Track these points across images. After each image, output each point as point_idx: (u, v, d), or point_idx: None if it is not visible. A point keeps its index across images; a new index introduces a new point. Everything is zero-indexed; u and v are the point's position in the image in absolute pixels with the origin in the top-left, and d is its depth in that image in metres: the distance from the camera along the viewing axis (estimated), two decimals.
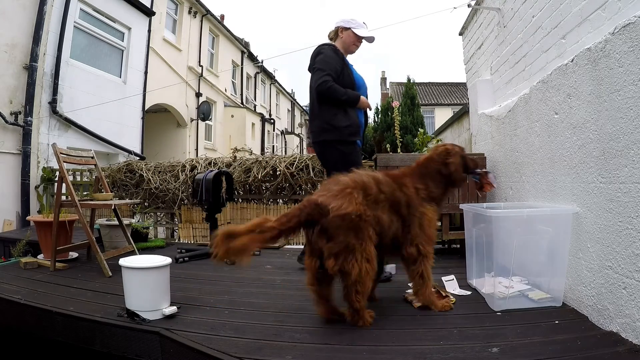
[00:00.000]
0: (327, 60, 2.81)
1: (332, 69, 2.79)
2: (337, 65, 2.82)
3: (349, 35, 2.96)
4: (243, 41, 16.79)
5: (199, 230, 4.63)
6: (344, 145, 2.84)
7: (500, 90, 3.74)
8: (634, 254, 1.63)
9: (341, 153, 2.83)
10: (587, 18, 2.32)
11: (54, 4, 6.11)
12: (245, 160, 4.63)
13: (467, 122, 4.91)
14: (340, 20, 3.01)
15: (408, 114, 12.73)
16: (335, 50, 2.90)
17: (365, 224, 1.82)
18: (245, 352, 1.65)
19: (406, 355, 1.60)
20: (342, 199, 1.80)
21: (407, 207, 2.02)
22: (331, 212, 1.76)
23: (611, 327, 1.76)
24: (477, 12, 4.37)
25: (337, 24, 3.01)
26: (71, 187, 3.13)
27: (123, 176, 5.03)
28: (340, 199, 1.79)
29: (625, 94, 1.66)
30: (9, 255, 4.10)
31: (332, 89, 2.75)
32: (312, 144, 3.06)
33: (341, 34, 2.98)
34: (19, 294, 2.46)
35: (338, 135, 2.81)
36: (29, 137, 5.76)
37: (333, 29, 3.03)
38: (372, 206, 1.87)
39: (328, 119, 2.81)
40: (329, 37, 3.06)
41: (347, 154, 2.83)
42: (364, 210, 1.82)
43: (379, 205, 1.91)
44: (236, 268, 3.24)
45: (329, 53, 2.85)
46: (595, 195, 1.88)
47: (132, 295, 2.07)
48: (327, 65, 2.78)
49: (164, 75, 10.09)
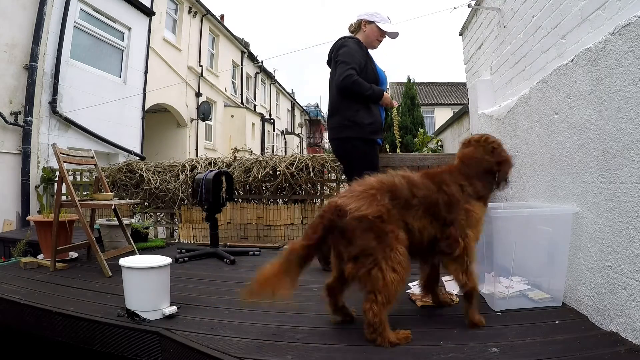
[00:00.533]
0: (351, 52, 2.70)
1: (356, 62, 2.68)
2: (361, 59, 2.72)
3: (372, 30, 2.86)
4: (243, 41, 16.79)
5: (199, 230, 4.63)
6: (365, 143, 2.74)
7: (500, 90, 3.74)
8: (634, 254, 1.63)
9: (362, 152, 2.73)
10: (587, 18, 2.32)
11: (54, 4, 6.12)
12: (245, 160, 4.63)
13: (467, 122, 4.91)
14: (364, 13, 2.90)
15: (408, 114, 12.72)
16: (359, 44, 2.79)
17: (390, 228, 1.68)
18: (245, 352, 1.65)
19: (406, 355, 1.60)
20: (363, 201, 1.69)
21: (448, 207, 1.83)
22: (349, 213, 1.67)
23: (611, 327, 1.76)
24: (477, 12, 4.37)
25: (360, 17, 2.89)
26: (71, 187, 3.13)
27: (123, 176, 5.03)
28: (361, 201, 1.69)
29: (625, 94, 1.66)
30: (9, 255, 4.10)
31: (357, 82, 2.63)
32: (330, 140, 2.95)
33: (364, 27, 2.87)
34: (19, 294, 2.46)
35: (360, 132, 2.70)
36: (29, 137, 5.76)
37: (355, 21, 2.91)
38: (401, 211, 1.73)
39: (350, 115, 2.70)
40: (349, 30, 2.93)
41: (367, 152, 2.75)
42: (387, 213, 1.69)
43: (411, 210, 1.76)
44: (236, 268, 3.24)
45: (353, 46, 2.74)
46: (595, 195, 1.88)
47: (132, 295, 2.06)
48: (352, 59, 2.67)
49: (164, 75, 10.09)
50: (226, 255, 3.44)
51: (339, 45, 2.78)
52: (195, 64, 12.22)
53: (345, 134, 2.76)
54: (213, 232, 3.65)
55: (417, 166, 3.38)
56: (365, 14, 2.88)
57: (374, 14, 2.87)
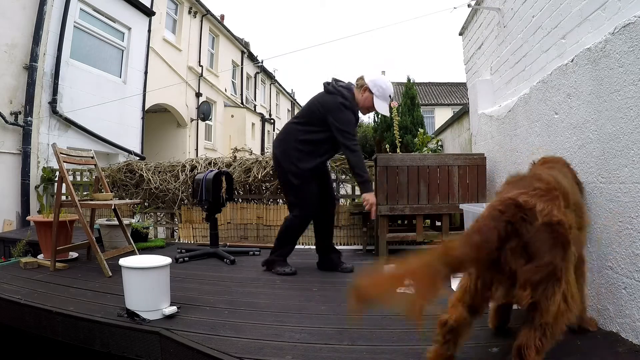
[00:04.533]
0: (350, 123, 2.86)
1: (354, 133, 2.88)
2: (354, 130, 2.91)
3: (367, 99, 2.91)
4: (243, 41, 16.79)
5: (199, 230, 4.63)
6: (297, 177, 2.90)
7: (500, 90, 3.74)
8: (634, 254, 1.63)
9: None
10: (587, 18, 2.32)
11: (54, 4, 6.11)
12: (245, 160, 4.63)
13: (467, 122, 4.91)
14: (372, 79, 2.92)
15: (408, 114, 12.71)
16: (354, 112, 2.91)
17: (572, 241, 1.32)
18: (245, 352, 1.65)
19: (406, 355, 1.60)
20: (551, 203, 1.30)
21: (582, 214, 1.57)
22: (539, 217, 1.26)
23: (611, 327, 1.76)
24: (477, 12, 4.37)
25: (367, 81, 2.92)
26: (71, 187, 3.13)
27: (123, 176, 5.02)
28: (549, 202, 1.29)
29: (625, 94, 1.66)
30: (9, 255, 4.10)
31: (363, 163, 2.86)
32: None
33: (363, 93, 2.92)
34: (18, 294, 2.46)
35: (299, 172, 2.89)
36: (29, 137, 5.76)
37: (363, 80, 2.95)
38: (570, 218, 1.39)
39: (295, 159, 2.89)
40: (356, 82, 2.98)
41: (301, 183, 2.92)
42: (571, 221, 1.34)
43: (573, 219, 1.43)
44: (236, 268, 3.24)
45: (349, 116, 2.86)
46: (595, 195, 1.88)
47: (132, 295, 2.06)
48: (352, 130, 2.86)
49: (164, 75, 10.08)
50: (226, 255, 3.44)
51: (337, 107, 2.85)
52: (195, 64, 12.22)
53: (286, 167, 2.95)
54: (213, 232, 3.65)
55: (417, 166, 3.38)
56: (371, 82, 2.91)
57: (379, 87, 2.89)
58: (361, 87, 2.93)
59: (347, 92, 2.91)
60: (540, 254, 1.24)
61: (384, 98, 2.92)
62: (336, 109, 2.84)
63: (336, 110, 2.84)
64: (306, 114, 3.00)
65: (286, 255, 3.05)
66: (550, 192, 1.33)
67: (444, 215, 3.43)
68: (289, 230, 3.01)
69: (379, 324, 1.90)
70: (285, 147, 2.96)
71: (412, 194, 3.38)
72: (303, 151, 2.90)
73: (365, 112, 3.02)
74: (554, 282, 1.26)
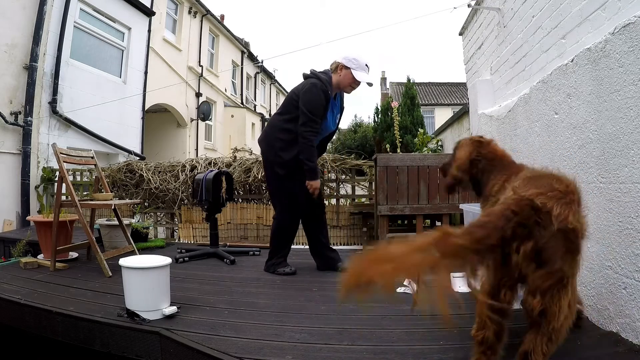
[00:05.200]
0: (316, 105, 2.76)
1: (319, 116, 2.78)
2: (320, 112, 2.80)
3: (347, 75, 2.84)
4: (243, 41, 16.78)
5: (199, 230, 4.63)
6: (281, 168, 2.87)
7: (500, 90, 3.74)
8: (634, 254, 1.63)
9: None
10: (587, 18, 2.32)
11: (54, 4, 6.11)
12: (245, 160, 4.64)
13: (467, 122, 4.91)
14: (343, 57, 2.87)
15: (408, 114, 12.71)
16: (325, 91, 2.80)
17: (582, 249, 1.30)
18: (245, 352, 1.65)
19: (406, 355, 1.60)
20: (568, 207, 1.23)
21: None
22: (555, 223, 1.20)
23: (611, 327, 1.76)
24: (477, 12, 4.37)
25: (338, 60, 2.88)
26: (71, 187, 3.13)
27: (123, 176, 5.03)
28: (565, 207, 1.22)
29: (625, 94, 1.66)
30: (9, 255, 4.10)
31: (310, 151, 2.77)
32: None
33: (340, 72, 2.86)
34: (18, 294, 2.46)
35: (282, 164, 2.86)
36: (29, 137, 5.76)
37: (335, 61, 2.91)
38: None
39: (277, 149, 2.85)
40: (330, 68, 2.94)
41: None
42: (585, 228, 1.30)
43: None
44: (236, 268, 3.24)
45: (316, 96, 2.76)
46: (595, 195, 1.88)
47: (132, 295, 2.06)
48: (316, 112, 2.76)
49: (164, 75, 10.08)
50: (226, 255, 3.44)
51: (307, 88, 2.79)
52: (195, 64, 12.22)
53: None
54: (213, 232, 3.65)
55: (417, 166, 3.38)
56: (344, 58, 2.85)
57: (353, 59, 2.83)
58: (337, 68, 2.88)
59: (323, 76, 2.85)
60: (552, 261, 1.21)
61: (361, 68, 2.85)
62: (306, 90, 2.79)
63: (305, 92, 2.79)
64: (285, 103, 2.96)
65: (285, 255, 3.04)
66: (568, 196, 1.27)
67: (444, 215, 3.43)
68: (280, 229, 2.98)
69: (379, 324, 1.91)
70: (268, 139, 2.94)
71: (412, 194, 3.38)
72: (285, 140, 2.85)
73: (350, 90, 2.94)
74: (561, 289, 1.24)
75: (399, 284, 2.27)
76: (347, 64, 2.83)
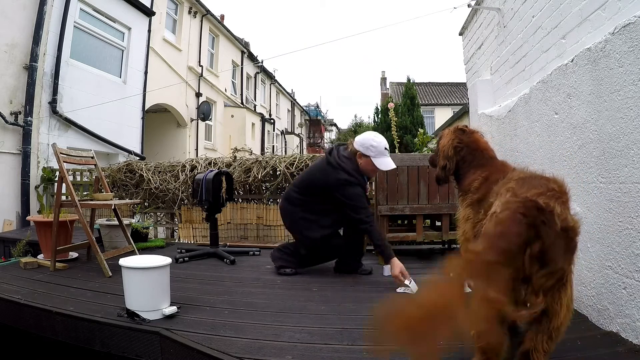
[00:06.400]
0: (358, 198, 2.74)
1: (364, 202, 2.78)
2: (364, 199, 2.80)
3: (367, 164, 2.78)
4: (243, 41, 16.79)
5: (199, 230, 4.63)
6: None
7: (500, 90, 3.74)
8: (634, 254, 1.63)
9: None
10: (587, 18, 2.32)
11: (54, 4, 6.11)
12: (245, 160, 4.63)
13: (467, 122, 4.91)
14: (360, 144, 2.78)
15: (408, 114, 12.72)
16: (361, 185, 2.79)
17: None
18: (245, 352, 1.65)
19: (406, 355, 1.60)
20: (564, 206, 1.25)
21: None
22: (558, 222, 1.21)
23: (611, 327, 1.76)
24: (477, 12, 4.37)
25: (357, 147, 2.80)
26: (71, 187, 3.13)
27: (123, 176, 5.03)
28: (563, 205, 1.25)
29: (625, 94, 1.66)
30: (9, 255, 4.10)
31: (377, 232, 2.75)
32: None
33: (359, 159, 2.80)
34: (19, 294, 2.46)
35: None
36: (29, 137, 5.76)
37: (353, 147, 2.83)
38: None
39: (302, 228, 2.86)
40: (348, 148, 2.86)
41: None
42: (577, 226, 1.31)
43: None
44: (236, 268, 3.24)
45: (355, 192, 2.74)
46: (595, 195, 1.88)
47: (132, 295, 2.06)
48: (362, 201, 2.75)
49: (164, 75, 10.08)
50: (226, 255, 3.44)
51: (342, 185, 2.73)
52: (195, 64, 12.22)
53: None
54: (213, 232, 3.65)
55: (417, 166, 3.38)
56: (361, 146, 2.78)
57: (370, 147, 2.75)
58: (356, 155, 2.82)
59: (350, 166, 2.78)
60: (555, 260, 1.21)
61: (381, 154, 2.78)
62: (341, 186, 2.74)
63: (341, 187, 2.74)
64: (306, 184, 2.92)
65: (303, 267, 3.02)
66: (563, 195, 1.29)
67: (444, 215, 3.43)
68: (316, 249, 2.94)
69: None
70: (292, 217, 2.95)
71: (412, 194, 3.38)
72: (309, 219, 2.85)
73: (374, 175, 2.98)
74: (561, 287, 1.26)
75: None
76: (365, 152, 2.77)
